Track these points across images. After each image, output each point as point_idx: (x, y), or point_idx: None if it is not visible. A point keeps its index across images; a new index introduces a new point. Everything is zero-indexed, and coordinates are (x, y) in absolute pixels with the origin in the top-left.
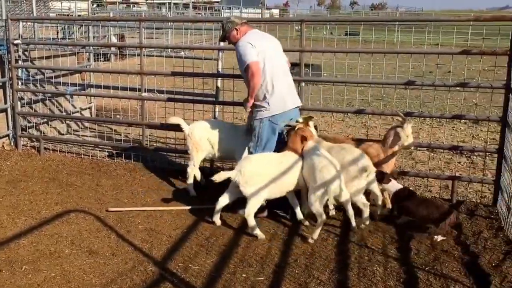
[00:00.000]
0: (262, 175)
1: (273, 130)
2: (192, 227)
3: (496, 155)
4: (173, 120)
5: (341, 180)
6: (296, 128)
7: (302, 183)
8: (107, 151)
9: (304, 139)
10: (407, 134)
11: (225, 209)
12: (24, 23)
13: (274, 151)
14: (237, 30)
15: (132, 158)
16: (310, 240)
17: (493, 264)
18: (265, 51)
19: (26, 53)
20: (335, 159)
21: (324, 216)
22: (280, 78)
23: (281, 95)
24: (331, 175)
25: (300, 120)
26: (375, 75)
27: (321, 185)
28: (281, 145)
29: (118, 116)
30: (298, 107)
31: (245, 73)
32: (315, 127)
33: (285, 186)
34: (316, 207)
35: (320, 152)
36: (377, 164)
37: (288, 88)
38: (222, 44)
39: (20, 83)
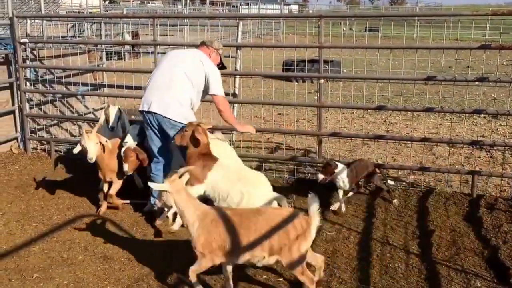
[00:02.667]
0: None
1: (147, 126)
2: None
3: None
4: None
5: None
6: None
7: None
8: None
9: None
10: None
11: None
12: (32, 21)
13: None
14: None
15: None
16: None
17: None
18: (162, 60)
19: (34, 52)
20: None
21: None
22: (157, 80)
23: (147, 92)
24: None
25: None
26: (394, 71)
27: None
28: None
29: (132, 116)
30: (166, 117)
31: None
32: None
33: None
34: None
35: None
36: None
37: (159, 90)
38: (239, 41)
39: (28, 83)
